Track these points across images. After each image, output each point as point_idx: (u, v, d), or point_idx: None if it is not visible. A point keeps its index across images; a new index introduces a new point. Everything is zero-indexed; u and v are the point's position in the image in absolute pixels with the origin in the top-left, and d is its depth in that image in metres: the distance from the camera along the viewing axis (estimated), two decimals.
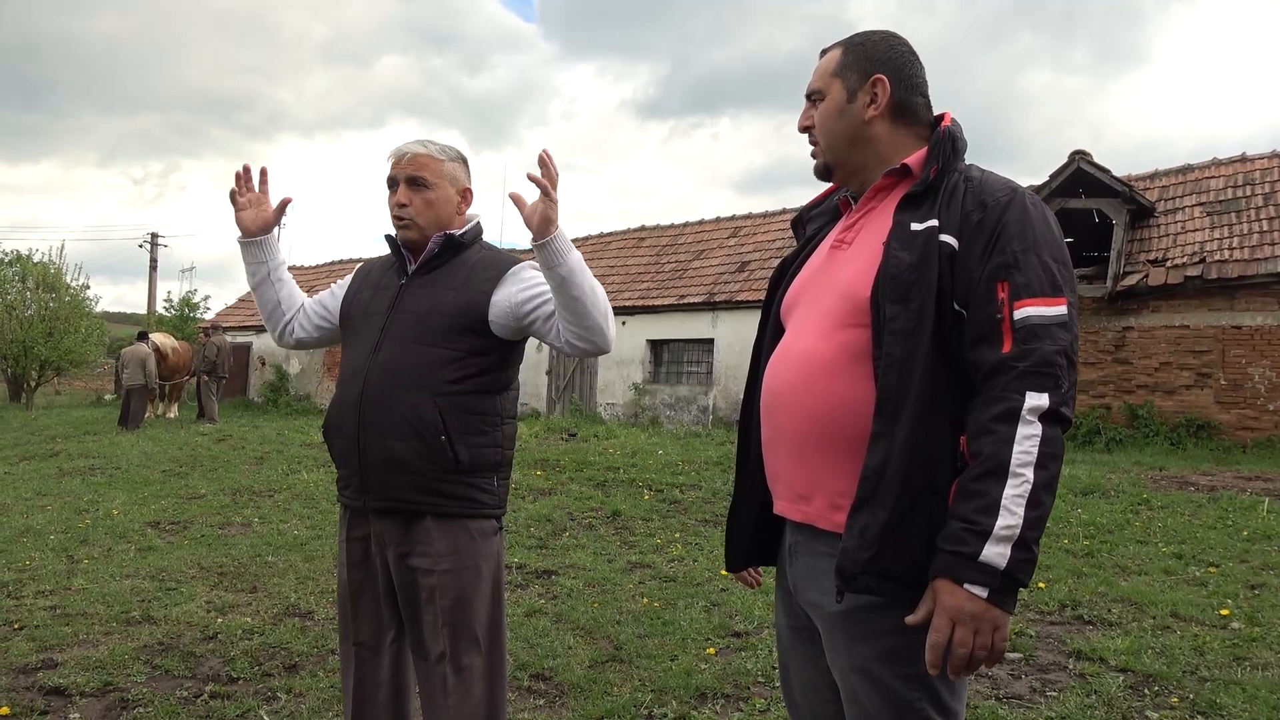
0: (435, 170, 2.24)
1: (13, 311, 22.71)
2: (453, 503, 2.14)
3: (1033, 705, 3.33)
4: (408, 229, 2.23)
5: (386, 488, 2.14)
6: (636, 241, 19.95)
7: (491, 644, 2.20)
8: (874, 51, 1.66)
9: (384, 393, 2.13)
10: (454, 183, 2.28)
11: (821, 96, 1.68)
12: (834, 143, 1.68)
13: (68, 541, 6.15)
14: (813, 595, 1.61)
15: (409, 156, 2.23)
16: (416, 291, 2.22)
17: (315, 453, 10.17)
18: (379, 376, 2.14)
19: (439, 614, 2.13)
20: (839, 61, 1.68)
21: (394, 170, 2.24)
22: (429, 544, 2.13)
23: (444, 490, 2.13)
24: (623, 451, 9.91)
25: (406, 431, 2.09)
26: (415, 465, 2.10)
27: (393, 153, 2.27)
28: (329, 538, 6.19)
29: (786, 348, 1.68)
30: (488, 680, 2.17)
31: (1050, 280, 1.44)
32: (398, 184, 2.23)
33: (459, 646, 2.13)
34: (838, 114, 1.66)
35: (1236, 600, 4.66)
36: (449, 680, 2.13)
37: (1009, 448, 1.36)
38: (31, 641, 3.92)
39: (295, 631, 4.11)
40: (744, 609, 4.48)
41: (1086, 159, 12.45)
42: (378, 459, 2.13)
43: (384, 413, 2.12)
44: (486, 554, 2.19)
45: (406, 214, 2.21)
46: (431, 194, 2.23)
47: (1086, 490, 7.78)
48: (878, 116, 1.64)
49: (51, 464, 10.35)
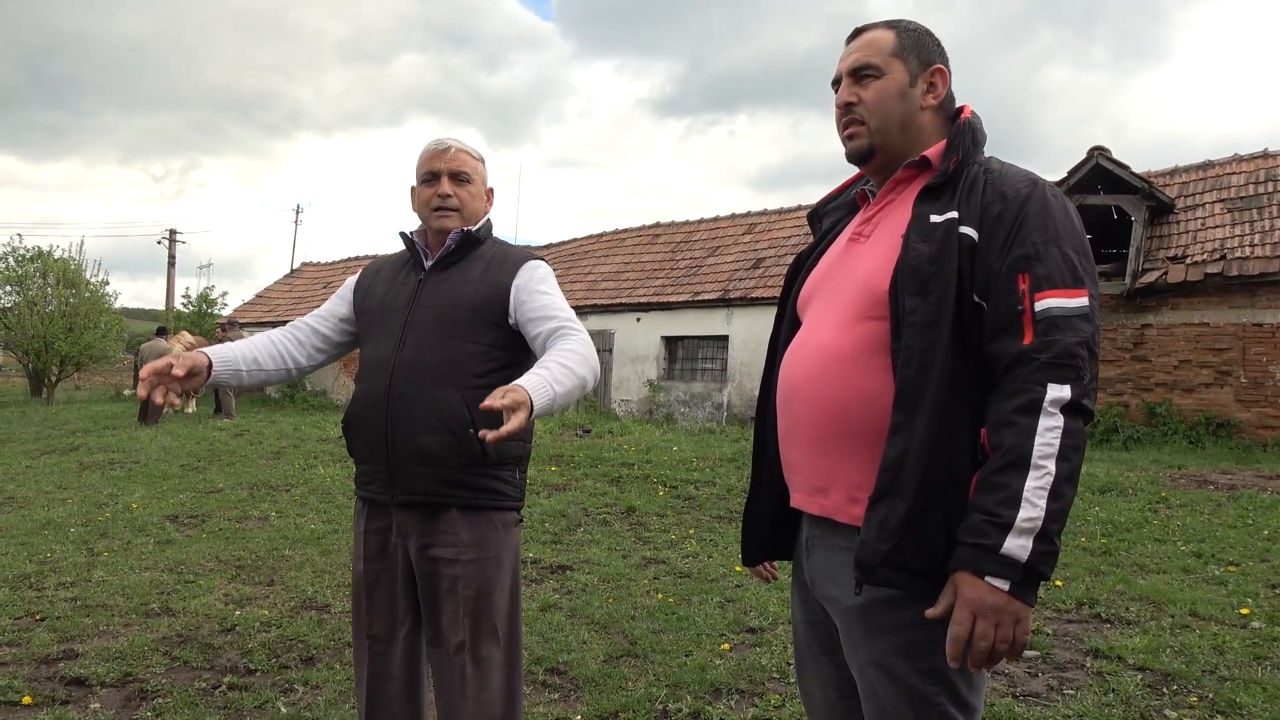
0: (473, 168, 2.31)
1: (34, 307, 22.92)
2: (478, 495, 2.16)
3: (1050, 703, 3.31)
4: (449, 218, 2.25)
5: (414, 480, 2.15)
6: (651, 238, 19.93)
7: (510, 635, 2.21)
8: (928, 42, 1.66)
9: (412, 387, 2.14)
10: (484, 181, 2.36)
11: (879, 74, 1.63)
12: (888, 123, 1.64)
13: (88, 534, 6.21)
14: (830, 589, 1.60)
15: (453, 151, 2.28)
16: (435, 286, 2.23)
17: (331, 448, 10.22)
18: (406, 371, 2.15)
19: (460, 604, 2.14)
20: (897, 43, 1.65)
21: (437, 163, 2.27)
22: (454, 534, 2.15)
23: (470, 483, 2.15)
24: (637, 448, 9.91)
25: (437, 425, 2.11)
26: (444, 458, 2.11)
27: (433, 147, 2.29)
28: (345, 532, 6.23)
29: (803, 340, 1.67)
30: (506, 671, 2.19)
31: (1071, 272, 1.43)
32: (439, 177, 2.26)
33: (479, 637, 2.15)
34: (899, 95, 1.63)
35: (1257, 599, 4.61)
36: (468, 670, 2.14)
37: (1031, 440, 1.35)
38: (53, 632, 3.96)
39: (312, 624, 4.14)
40: (759, 605, 4.48)
41: (1105, 155, 12.34)
42: (406, 452, 2.14)
43: (413, 406, 2.13)
44: (508, 545, 2.21)
45: (452, 203, 2.25)
46: (473, 189, 2.29)
47: (1104, 488, 7.72)
48: (930, 107, 1.64)
49: (72, 458, 10.44)
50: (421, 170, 2.30)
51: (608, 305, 17.78)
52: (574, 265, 20.34)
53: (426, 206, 2.27)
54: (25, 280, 23.81)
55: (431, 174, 2.27)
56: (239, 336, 16.36)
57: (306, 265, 28.49)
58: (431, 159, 2.28)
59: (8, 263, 24.36)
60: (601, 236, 21.49)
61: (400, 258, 2.37)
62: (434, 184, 2.26)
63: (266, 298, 26.58)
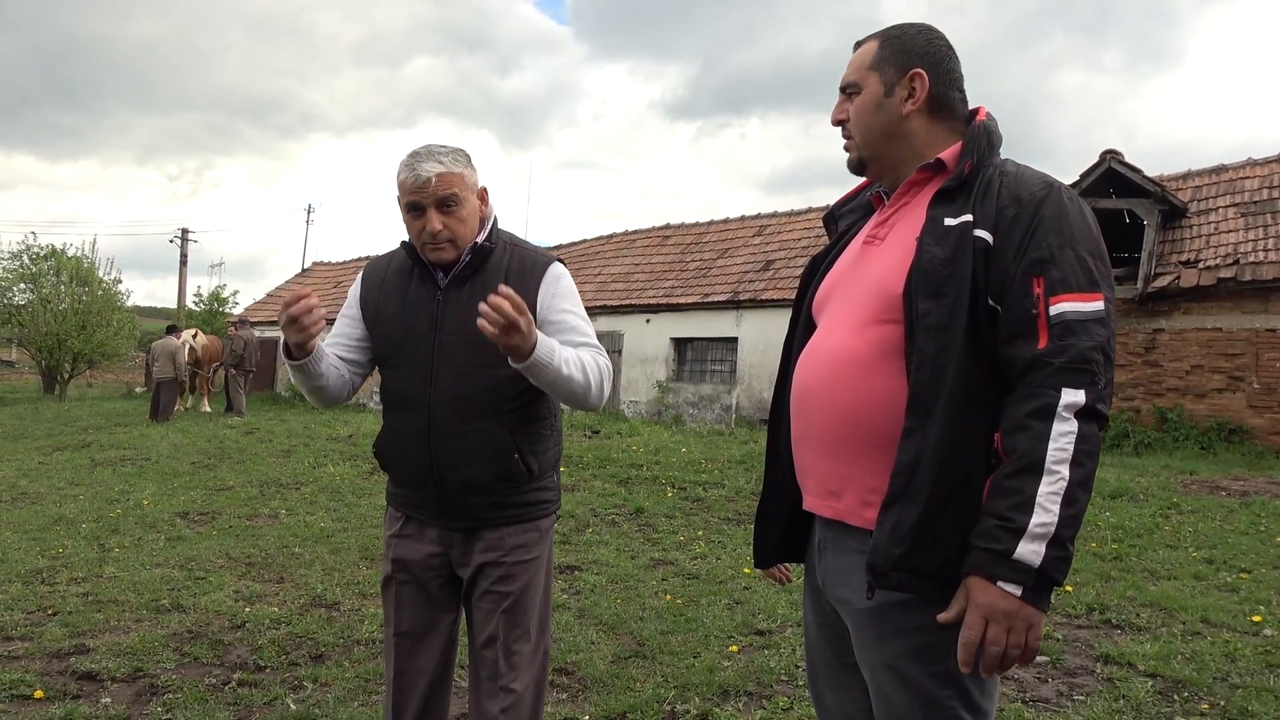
0: (461, 184, 2.10)
1: (47, 305, 23.10)
2: (529, 509, 2.20)
3: (1060, 709, 3.30)
4: (444, 251, 2.11)
5: (465, 509, 2.16)
6: (661, 240, 19.94)
7: (540, 632, 2.24)
8: (911, 45, 1.64)
9: (452, 422, 2.10)
10: (474, 189, 2.17)
11: (857, 90, 1.67)
12: (869, 137, 1.66)
13: (99, 530, 6.25)
14: (842, 592, 1.60)
15: (434, 182, 2.06)
16: (455, 308, 2.11)
17: (342, 446, 10.25)
18: (444, 406, 2.10)
19: (498, 602, 2.16)
20: (876, 55, 1.66)
21: (417, 196, 2.07)
22: (499, 542, 2.17)
23: (519, 501, 2.18)
24: (646, 449, 9.90)
25: (484, 457, 2.10)
26: (494, 486, 2.13)
27: (410, 177, 2.07)
28: (355, 530, 6.25)
29: (818, 344, 1.67)
30: (536, 669, 2.21)
31: (1087, 275, 1.42)
32: (424, 209, 2.07)
33: (513, 633, 2.16)
34: (874, 108, 1.64)
35: (1269, 607, 4.58)
36: (500, 665, 2.15)
37: (1044, 444, 1.34)
38: (65, 627, 3.99)
39: (322, 622, 4.15)
40: (767, 607, 4.47)
41: (1118, 158, 12.28)
42: (455, 485, 2.13)
43: (457, 442, 2.10)
44: (545, 544, 2.25)
45: (443, 236, 2.09)
46: (463, 210, 2.11)
47: (1115, 493, 7.68)
48: (915, 111, 1.63)
49: (83, 454, 10.51)
50: (403, 200, 2.11)
51: (617, 306, 17.79)
52: (584, 266, 20.36)
53: (418, 239, 2.12)
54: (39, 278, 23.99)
55: (412, 205, 2.09)
56: (250, 335, 16.42)
57: (318, 265, 28.62)
58: (413, 192, 2.07)
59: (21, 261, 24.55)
60: (611, 238, 21.50)
61: (400, 263, 2.23)
62: (420, 217, 2.08)
63: (278, 297, 26.68)
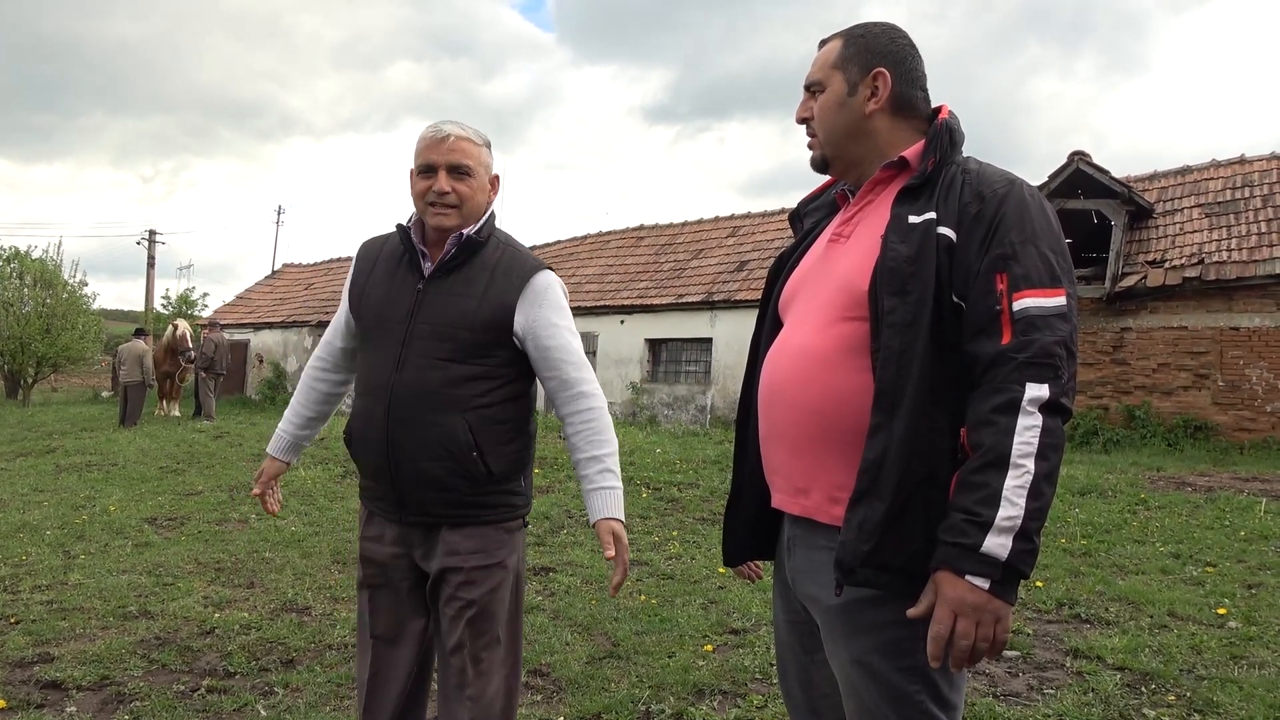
0: (475, 157, 2.10)
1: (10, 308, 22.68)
2: (486, 511, 2.13)
3: (1030, 703, 3.33)
4: (447, 216, 2.08)
5: (422, 504, 2.11)
6: (635, 240, 19.95)
7: (511, 639, 2.19)
8: (875, 44, 1.65)
9: (413, 413, 2.06)
10: (487, 170, 2.15)
11: (821, 88, 1.68)
12: (833, 135, 1.67)
13: (64, 537, 6.14)
14: (811, 589, 1.60)
15: (451, 140, 2.06)
16: (435, 298, 2.10)
17: (312, 450, 10.15)
18: (406, 396, 2.06)
19: (463, 608, 2.11)
20: (839, 53, 1.67)
21: (433, 155, 2.07)
22: (459, 545, 2.12)
23: (477, 502, 2.11)
24: (620, 450, 9.89)
25: (440, 452, 2.05)
26: (449, 483, 2.07)
27: (430, 134, 2.08)
28: (326, 534, 6.19)
29: (784, 341, 1.67)
30: (505, 674, 2.16)
31: (1049, 271, 1.44)
32: (436, 170, 2.07)
33: (479, 640, 2.12)
34: (838, 107, 1.66)
35: (1234, 599, 4.66)
36: (468, 672, 2.11)
37: (1010, 439, 1.35)
38: (28, 635, 3.91)
39: (292, 627, 4.11)
40: (741, 606, 4.48)
41: (1085, 159, 12.44)
42: (411, 478, 2.09)
43: (415, 433, 2.06)
44: (512, 550, 2.17)
45: (450, 199, 2.06)
46: (474, 181, 2.09)
47: (1084, 490, 7.78)
48: (878, 110, 1.64)
49: (48, 460, 10.33)
50: (418, 160, 2.10)
51: (592, 307, 17.77)
52: (558, 267, 20.30)
53: (422, 200, 2.10)
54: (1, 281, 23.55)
55: (428, 166, 2.08)
56: (220, 338, 16.21)
57: (288, 266, 28.32)
58: (429, 149, 2.08)
59: None
60: (586, 239, 21.48)
61: (395, 249, 2.21)
62: (430, 177, 2.07)
63: (247, 299, 26.38)
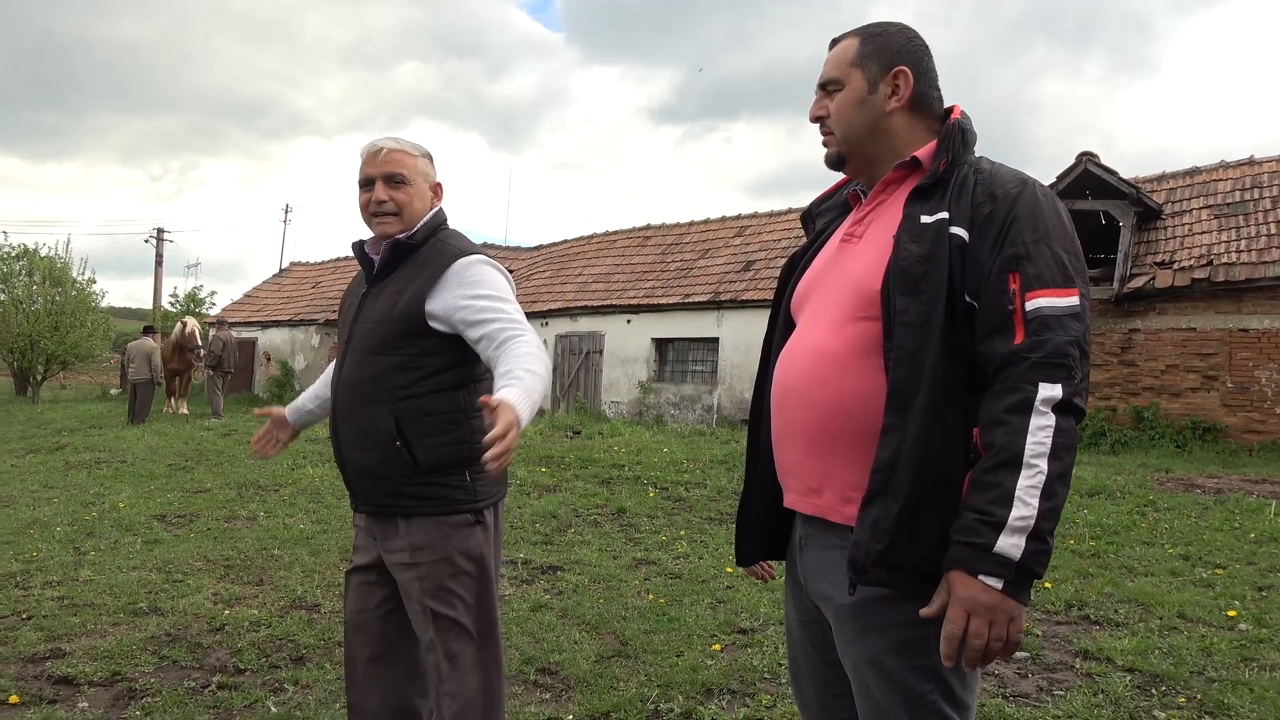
0: (410, 166, 2.24)
1: (19, 306, 22.76)
2: (422, 503, 2.19)
3: (1040, 704, 3.33)
4: (389, 224, 2.22)
5: (365, 494, 2.27)
6: (642, 240, 19.94)
7: (482, 633, 2.24)
8: (893, 43, 1.65)
9: (348, 405, 2.22)
10: (426, 179, 2.28)
11: (839, 86, 1.67)
12: (851, 133, 1.67)
13: (74, 533, 6.17)
14: (823, 588, 1.61)
15: (384, 153, 2.22)
16: (373, 300, 2.26)
17: (320, 448, 10.18)
18: (344, 390, 2.24)
19: (423, 605, 2.20)
20: (858, 51, 1.66)
21: (369, 168, 2.23)
22: (406, 539, 2.21)
23: (412, 493, 2.19)
24: (627, 449, 9.90)
25: (367, 443, 2.19)
26: (381, 472, 2.20)
27: (366, 149, 2.25)
28: (334, 532, 6.21)
29: (797, 342, 1.68)
30: (481, 668, 2.22)
31: (1062, 271, 1.44)
32: (374, 182, 2.22)
33: (445, 636, 2.20)
34: (858, 104, 1.65)
35: (1244, 601, 4.65)
36: (443, 667, 2.20)
37: (1022, 439, 1.35)
38: (40, 631, 3.94)
39: (302, 624, 4.12)
40: (750, 606, 4.48)
41: (1094, 160, 12.40)
42: (353, 469, 2.26)
43: (349, 425, 2.23)
44: (460, 546, 2.21)
45: (389, 207, 2.21)
46: (410, 189, 2.23)
47: (1093, 491, 7.76)
48: (898, 109, 1.64)
49: (58, 457, 10.38)
50: (359, 175, 2.26)
51: (598, 307, 17.78)
52: (565, 266, 20.33)
53: (365, 211, 2.25)
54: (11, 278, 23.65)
55: (366, 179, 2.24)
56: (228, 336, 16.27)
57: (295, 265, 28.39)
58: (366, 163, 2.24)
59: None
60: (592, 238, 21.47)
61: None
62: (369, 189, 2.23)
63: (255, 297, 26.45)
